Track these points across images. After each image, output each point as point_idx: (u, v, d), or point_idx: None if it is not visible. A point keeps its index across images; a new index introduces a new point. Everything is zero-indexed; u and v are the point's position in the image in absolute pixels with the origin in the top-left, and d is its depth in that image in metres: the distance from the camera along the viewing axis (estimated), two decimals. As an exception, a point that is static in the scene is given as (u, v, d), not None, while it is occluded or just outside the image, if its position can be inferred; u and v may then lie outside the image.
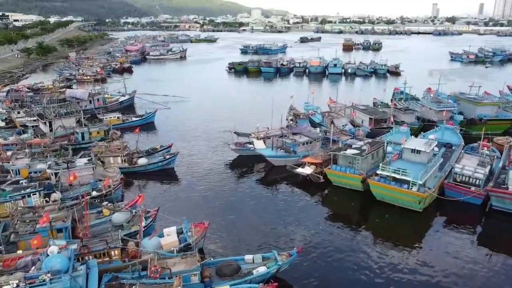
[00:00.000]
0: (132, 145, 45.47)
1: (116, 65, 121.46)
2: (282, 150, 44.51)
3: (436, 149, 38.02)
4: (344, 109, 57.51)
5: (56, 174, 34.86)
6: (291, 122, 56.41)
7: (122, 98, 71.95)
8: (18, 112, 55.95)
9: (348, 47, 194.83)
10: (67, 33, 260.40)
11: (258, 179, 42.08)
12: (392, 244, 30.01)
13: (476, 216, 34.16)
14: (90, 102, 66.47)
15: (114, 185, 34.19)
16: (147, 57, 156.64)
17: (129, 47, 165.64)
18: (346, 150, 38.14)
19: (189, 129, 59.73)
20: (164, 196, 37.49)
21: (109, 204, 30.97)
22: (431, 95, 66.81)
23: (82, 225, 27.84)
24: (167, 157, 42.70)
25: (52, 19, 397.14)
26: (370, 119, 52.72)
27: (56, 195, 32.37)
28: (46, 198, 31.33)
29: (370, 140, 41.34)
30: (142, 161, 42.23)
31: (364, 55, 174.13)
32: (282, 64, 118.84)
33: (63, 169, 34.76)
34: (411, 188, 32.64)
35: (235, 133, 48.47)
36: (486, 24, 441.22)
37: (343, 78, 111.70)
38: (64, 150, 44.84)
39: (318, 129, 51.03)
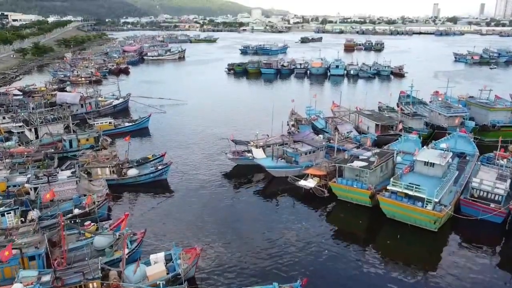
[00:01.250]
0: (123, 154, 42.45)
1: (112, 66, 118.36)
2: (283, 159, 41.44)
3: (450, 160, 34.94)
4: (349, 115, 54.33)
5: (35, 189, 31.84)
6: (292, 128, 53.41)
7: (116, 102, 68.89)
8: (3, 118, 52.82)
9: (349, 48, 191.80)
10: (65, 33, 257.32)
11: (257, 192, 39.01)
12: (405, 267, 27.01)
13: (497, 235, 31.11)
14: (82, 106, 63.43)
15: (98, 201, 31.13)
16: (145, 57, 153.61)
17: (127, 48, 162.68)
18: (352, 161, 35.05)
19: (185, 135, 56.64)
20: (154, 213, 34.36)
21: (92, 224, 27.97)
22: (439, 99, 63.79)
23: (60, 250, 24.83)
24: (160, 167, 39.62)
25: (51, 19, 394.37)
26: (377, 125, 49.60)
27: (34, 214, 29.37)
28: (22, 218, 28.29)
29: (378, 150, 38.24)
30: (132, 172, 39.16)
31: (366, 55, 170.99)
32: (282, 65, 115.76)
33: (43, 183, 31.73)
34: (426, 206, 29.56)
35: (232, 141, 45.39)
36: (488, 24, 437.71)
37: (345, 79, 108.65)
38: (49, 159, 41.91)
39: (321, 136, 47.95)
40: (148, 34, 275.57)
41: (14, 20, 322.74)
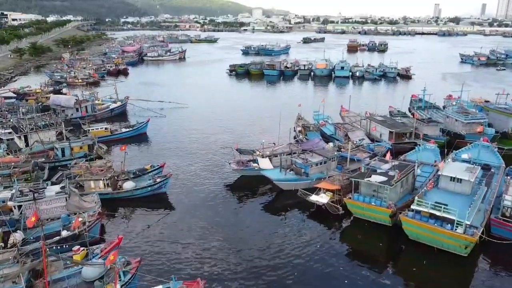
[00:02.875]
0: (118, 164, 39.18)
1: (111, 67, 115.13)
2: (292, 171, 38.27)
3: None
4: (360, 121, 51.09)
5: (20, 207, 28.66)
6: (299, 134, 50.19)
7: (113, 105, 65.66)
8: (-8, 123, 49.65)
9: (353, 48, 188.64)
10: (64, 33, 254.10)
11: (265, 207, 35.83)
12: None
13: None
14: (77, 110, 60.24)
15: (89, 221, 27.95)
16: (144, 58, 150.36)
17: (126, 48, 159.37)
18: (370, 176, 31.84)
19: (185, 142, 53.37)
20: (152, 233, 31.09)
21: (82, 249, 24.77)
22: (453, 103, 60.67)
23: (43, 282, 21.68)
24: (158, 180, 36.39)
25: (51, 19, 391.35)
26: (390, 132, 46.37)
27: (17, 236, 26.20)
28: (2, 244, 25.12)
29: (397, 162, 35.03)
30: (129, 185, 35.95)
31: (370, 56, 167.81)
32: (286, 67, 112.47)
33: (27, 201, 28.54)
34: (456, 229, 26.38)
35: (237, 150, 42.19)
36: (490, 24, 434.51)
37: (350, 81, 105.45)
38: (39, 169, 38.75)
39: (331, 144, 44.76)
40: (148, 34, 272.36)
41: (13, 20, 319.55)
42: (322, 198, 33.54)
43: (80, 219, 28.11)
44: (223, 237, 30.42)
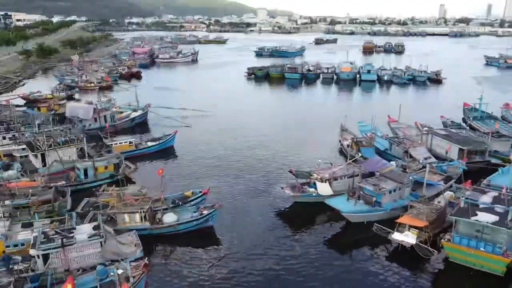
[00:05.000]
0: (149, 187, 33.05)
1: (123, 69, 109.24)
2: (360, 200, 32.27)
3: None
4: (421, 135, 44.91)
5: (45, 256, 22.74)
6: (352, 149, 44.07)
7: (134, 114, 59.67)
8: (4, 138, 43.55)
9: (368, 50, 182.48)
10: (70, 34, 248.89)
11: (330, 243, 30.04)
12: None
13: None
14: (96, 120, 54.36)
15: (133, 277, 21.96)
16: (156, 60, 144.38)
17: (136, 49, 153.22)
18: (475, 213, 25.77)
19: (219, 158, 47.06)
20: (204, 283, 25.21)
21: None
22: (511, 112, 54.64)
23: None
24: (205, 212, 30.36)
25: (56, 19, 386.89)
26: (461, 150, 40.22)
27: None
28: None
29: (496, 193, 28.90)
30: (170, 218, 29.93)
31: (388, 58, 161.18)
32: (308, 70, 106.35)
33: (55, 248, 22.64)
34: None
35: (290, 172, 36.16)
36: (501, 25, 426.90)
37: (377, 86, 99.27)
38: (60, 195, 32.83)
39: (393, 163, 38.80)
40: (155, 35, 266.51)
41: (17, 20, 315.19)
42: (408, 238, 27.51)
43: (120, 271, 22.17)
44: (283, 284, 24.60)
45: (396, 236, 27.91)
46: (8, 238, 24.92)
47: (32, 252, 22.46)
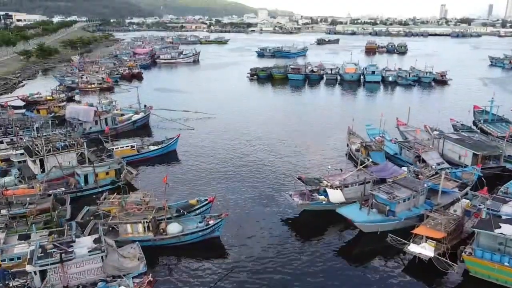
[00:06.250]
0: (153, 195, 31.62)
1: (124, 70, 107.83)
2: (372, 208, 30.86)
3: None
4: (433, 140, 43.46)
5: (42, 271, 21.35)
6: (361, 154, 42.67)
7: (136, 117, 58.25)
8: (1, 142, 42.15)
9: (371, 50, 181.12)
10: (70, 34, 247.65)
11: (341, 256, 28.54)
12: None
13: None
14: (96, 122, 52.98)
15: (138, 295, 20.61)
16: (157, 60, 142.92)
17: (137, 50, 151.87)
18: (498, 225, 24.33)
19: (223, 163, 45.58)
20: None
21: None
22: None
23: None
24: (211, 222, 28.93)
25: (56, 19, 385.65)
26: (475, 155, 38.79)
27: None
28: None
29: (517, 203, 27.54)
30: (174, 228, 28.48)
31: (390, 59, 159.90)
32: (312, 71, 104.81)
33: (53, 263, 21.24)
34: None
35: (298, 179, 34.75)
36: (503, 25, 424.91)
37: (382, 87, 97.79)
38: (59, 204, 31.44)
39: (405, 169, 37.44)
40: (156, 35, 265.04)
41: (18, 20, 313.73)
42: (426, 250, 26.08)
43: (122, 288, 20.81)
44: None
45: (413, 248, 26.48)
46: (4, 252, 23.52)
47: (28, 268, 21.07)
